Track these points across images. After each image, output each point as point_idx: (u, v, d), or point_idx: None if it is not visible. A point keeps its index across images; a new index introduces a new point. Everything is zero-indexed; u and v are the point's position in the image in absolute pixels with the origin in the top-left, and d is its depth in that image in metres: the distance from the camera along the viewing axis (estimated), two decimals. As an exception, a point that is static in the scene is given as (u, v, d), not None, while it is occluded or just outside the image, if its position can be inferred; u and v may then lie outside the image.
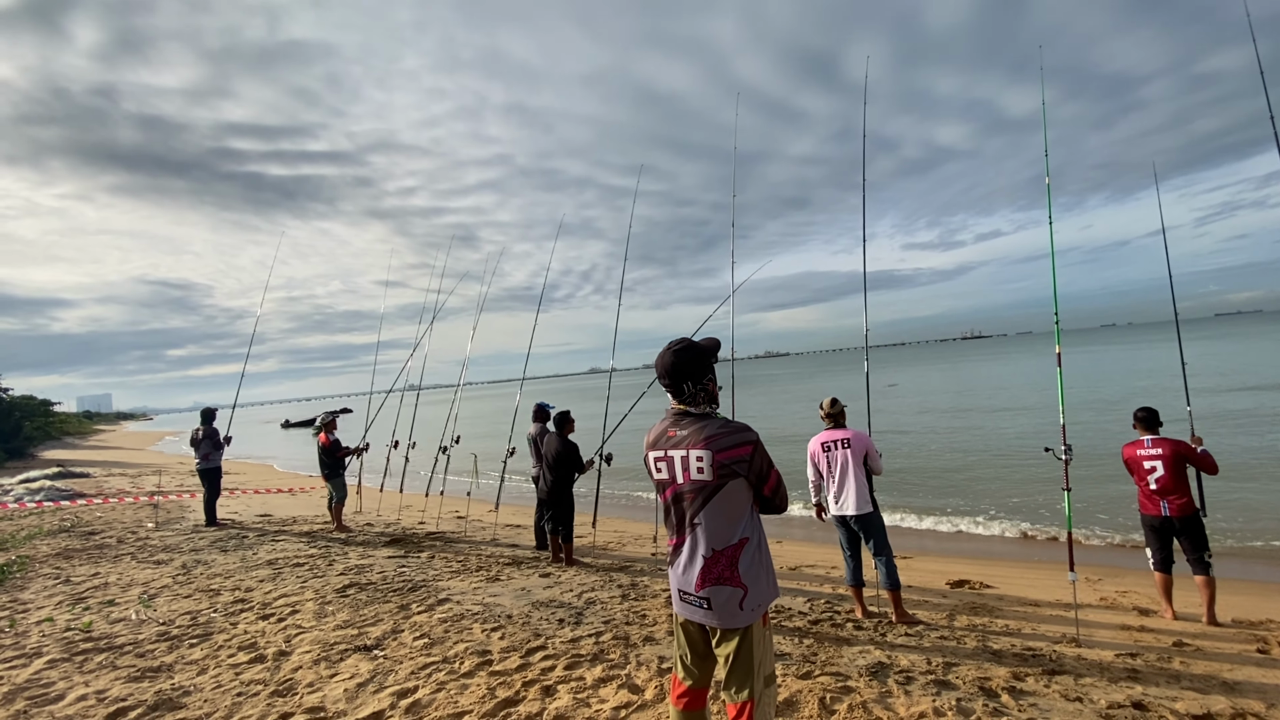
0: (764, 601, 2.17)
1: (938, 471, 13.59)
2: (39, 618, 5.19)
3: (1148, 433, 4.98)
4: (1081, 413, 19.51)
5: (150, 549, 7.95)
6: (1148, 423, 5.00)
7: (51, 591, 6.03)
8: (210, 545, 8.10)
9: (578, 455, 6.81)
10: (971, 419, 21.58)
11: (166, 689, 3.67)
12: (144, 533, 9.11)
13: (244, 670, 3.92)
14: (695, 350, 2.28)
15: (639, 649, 4.06)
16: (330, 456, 9.22)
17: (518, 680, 3.59)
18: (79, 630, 4.82)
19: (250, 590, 5.84)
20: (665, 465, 2.25)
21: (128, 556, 7.53)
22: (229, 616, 5.07)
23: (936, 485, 12.35)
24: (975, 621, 4.88)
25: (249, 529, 9.36)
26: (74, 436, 50.05)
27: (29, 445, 31.68)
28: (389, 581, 6.03)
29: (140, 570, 6.81)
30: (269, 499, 12.98)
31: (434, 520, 10.19)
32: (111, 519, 10.47)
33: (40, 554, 7.82)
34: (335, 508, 9.23)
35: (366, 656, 4.05)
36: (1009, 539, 8.87)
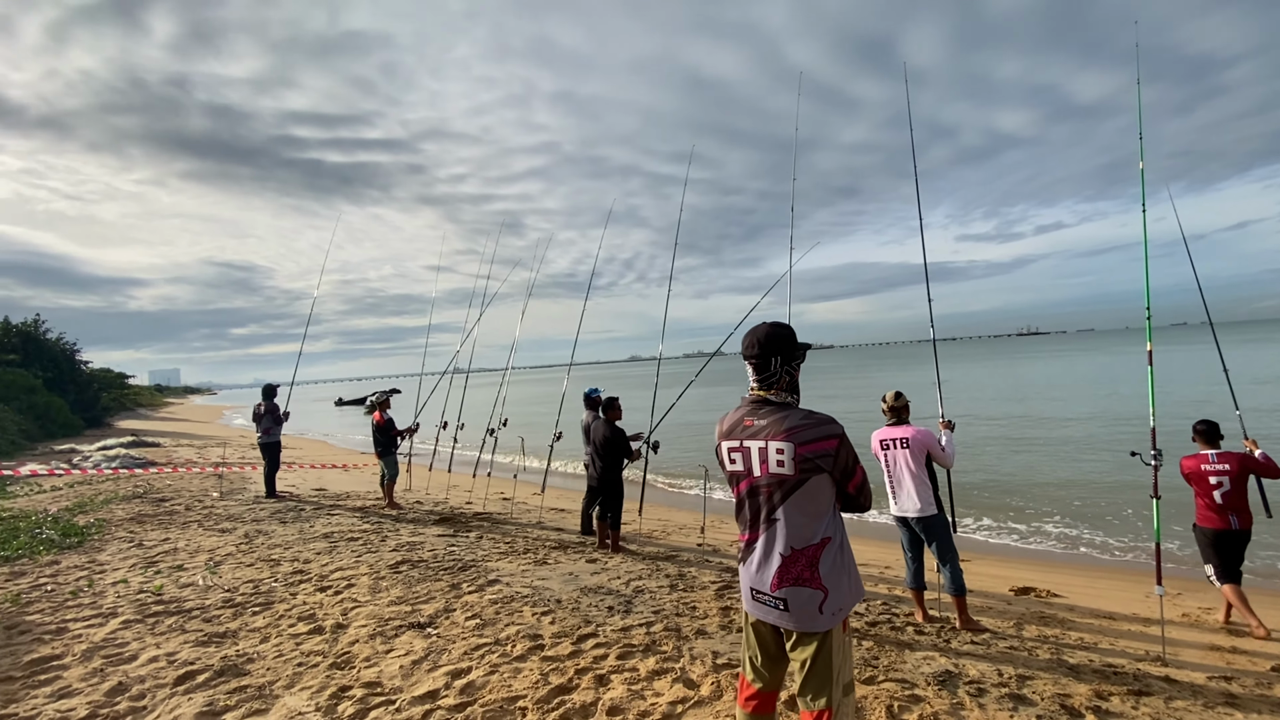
0: (845, 605, 2.04)
1: (994, 472, 13.03)
2: (114, 579, 5.45)
3: (1209, 446, 4.89)
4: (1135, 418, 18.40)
5: (215, 517, 8.29)
6: (1208, 436, 4.92)
7: (126, 554, 6.34)
8: (270, 516, 8.39)
9: (625, 441, 6.75)
10: (1028, 419, 20.65)
11: (232, 655, 3.77)
12: (209, 502, 9.52)
13: (304, 640, 4.00)
14: (791, 330, 2.16)
15: (692, 642, 3.97)
16: (384, 435, 9.43)
17: (570, 667, 3.54)
18: (151, 593, 5.03)
19: (308, 562, 6.00)
20: (740, 456, 2.12)
21: (195, 524, 7.87)
22: (289, 587, 5.22)
23: (993, 486, 11.84)
24: (1046, 632, 4.61)
25: (306, 502, 9.67)
26: (146, 408, 53.07)
27: (106, 415, 33.69)
28: (440, 560, 6.11)
29: (206, 538, 7.10)
30: (324, 474, 13.42)
31: (480, 501, 10.33)
32: (180, 487, 10.99)
33: (116, 518, 8.25)
34: (387, 485, 9.45)
35: (420, 634, 4.09)
36: (1072, 546, 8.42)
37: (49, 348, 28.86)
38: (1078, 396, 26.43)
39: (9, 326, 28.02)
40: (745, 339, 2.18)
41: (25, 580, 5.38)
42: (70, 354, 30.33)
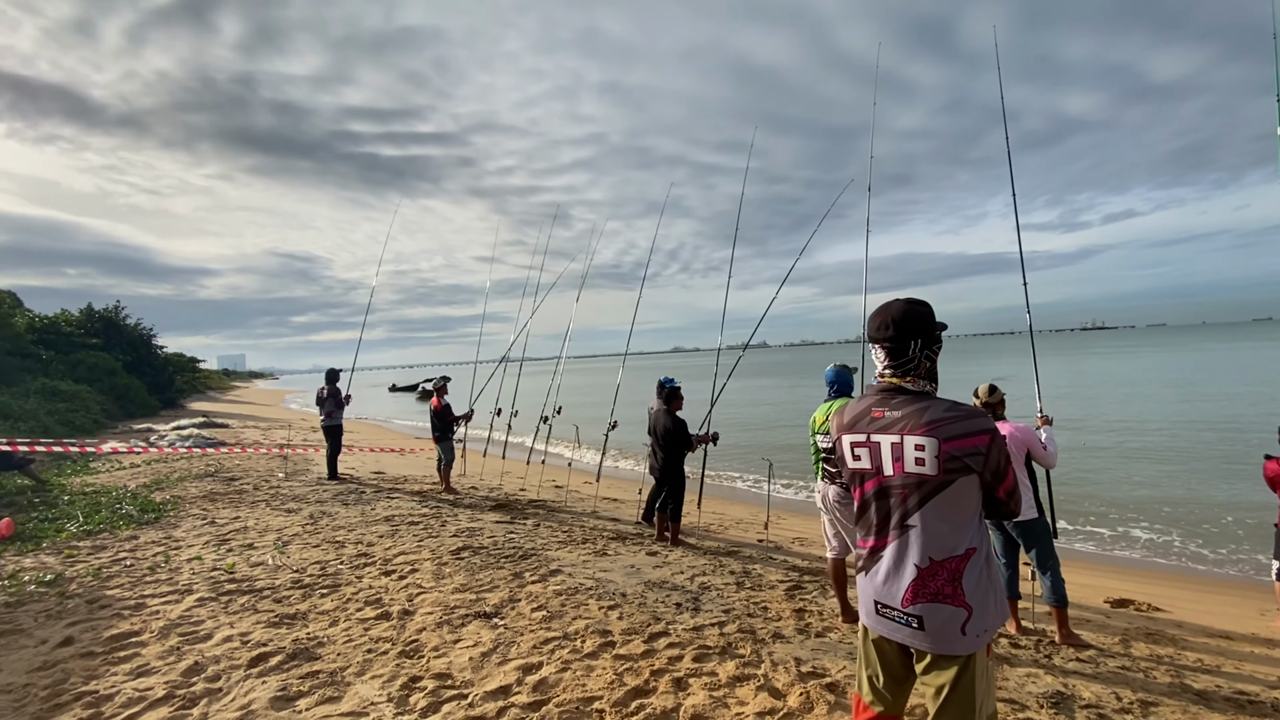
0: (991, 627, 1.77)
1: (1071, 473, 12.27)
2: (189, 555, 5.58)
3: None
4: (1221, 421, 17.06)
5: (281, 498, 8.49)
6: None
7: (199, 531, 6.51)
8: (333, 498, 8.54)
9: (687, 432, 6.53)
10: (1100, 418, 19.45)
11: (303, 638, 3.75)
12: (275, 482, 9.79)
13: (372, 626, 3.96)
14: (930, 308, 1.89)
15: (770, 646, 3.74)
16: (441, 420, 9.48)
17: (645, 668, 3.37)
18: (224, 571, 5.12)
19: (371, 545, 6.03)
20: (867, 452, 1.87)
21: (263, 504, 8.07)
22: (354, 569, 5.23)
23: (1068, 487, 11.13)
24: (1158, 652, 4.18)
25: (366, 485, 9.84)
26: (215, 391, 55.87)
27: (179, 397, 35.56)
28: (500, 547, 6.04)
29: (274, 517, 7.25)
30: (382, 457, 13.70)
31: (534, 488, 10.31)
32: (248, 467, 11.37)
33: (189, 495, 8.54)
34: (444, 470, 9.51)
35: (487, 624, 3.99)
36: (1164, 555, 7.78)
37: (128, 333, 30.56)
38: (1153, 395, 24.80)
39: (92, 312, 29.77)
40: (875, 319, 1.91)
41: (106, 554, 5.57)
42: (147, 339, 32.05)
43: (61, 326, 27.03)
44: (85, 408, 19.73)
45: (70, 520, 6.75)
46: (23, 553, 5.54)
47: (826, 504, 4.22)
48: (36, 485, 8.67)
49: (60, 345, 25.22)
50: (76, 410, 18.97)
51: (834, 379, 4.34)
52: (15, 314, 25.55)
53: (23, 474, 8.74)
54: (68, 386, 20.41)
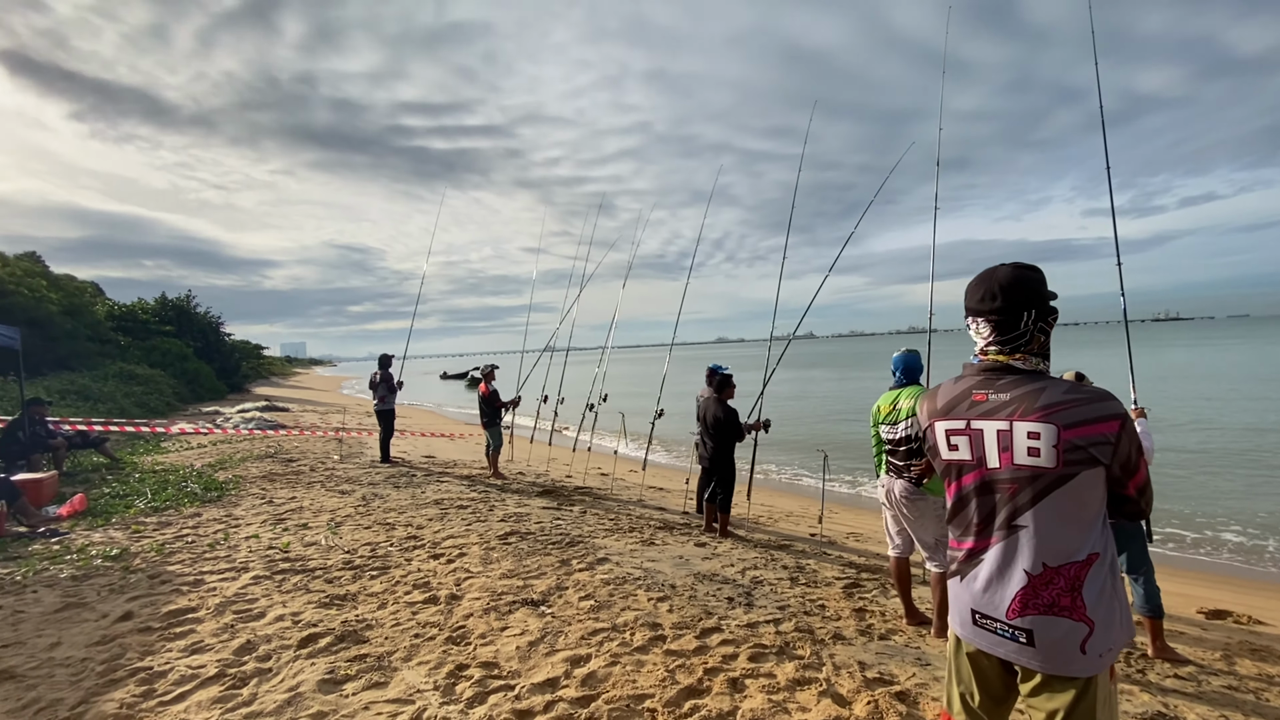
0: (1116, 645, 1.52)
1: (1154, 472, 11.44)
2: (247, 533, 5.71)
3: None
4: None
5: (336, 479, 8.67)
6: None
7: (258, 510, 6.68)
8: (385, 480, 8.68)
9: (738, 421, 6.31)
10: (1181, 412, 18.14)
11: (352, 620, 3.73)
12: (331, 464, 10.03)
13: (419, 610, 3.91)
14: (1042, 274, 1.63)
15: (830, 648, 3.52)
16: (489, 406, 9.51)
17: (698, 665, 3.20)
18: (279, 550, 5.20)
19: (420, 528, 6.05)
20: (966, 441, 1.63)
21: (318, 485, 8.26)
22: (403, 552, 5.23)
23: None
24: (1268, 670, 3.76)
25: (416, 468, 9.98)
26: (277, 376, 58.44)
27: (244, 381, 37.30)
28: (546, 533, 5.97)
29: (328, 498, 7.39)
30: (432, 442, 13.94)
31: (580, 475, 10.27)
32: (305, 449, 11.72)
33: (250, 475, 8.82)
34: (492, 455, 9.56)
35: (534, 613, 3.89)
36: (1259, 562, 7.12)
37: (198, 320, 32.14)
38: (1240, 391, 23.02)
39: (166, 301, 31.41)
40: (975, 288, 1.66)
41: (170, 530, 5.75)
42: (216, 326, 33.65)
43: (138, 314, 28.64)
44: (158, 391, 20.82)
45: (139, 497, 7.03)
46: (93, 527, 5.78)
47: (891, 499, 3.95)
48: (111, 463, 9.12)
49: (137, 332, 26.72)
50: (151, 393, 20.03)
51: (901, 365, 4.04)
52: (96, 302, 27.18)
53: (99, 452, 9.20)
54: (143, 371, 21.58)
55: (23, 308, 17.97)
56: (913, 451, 3.87)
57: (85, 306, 23.28)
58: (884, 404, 4.03)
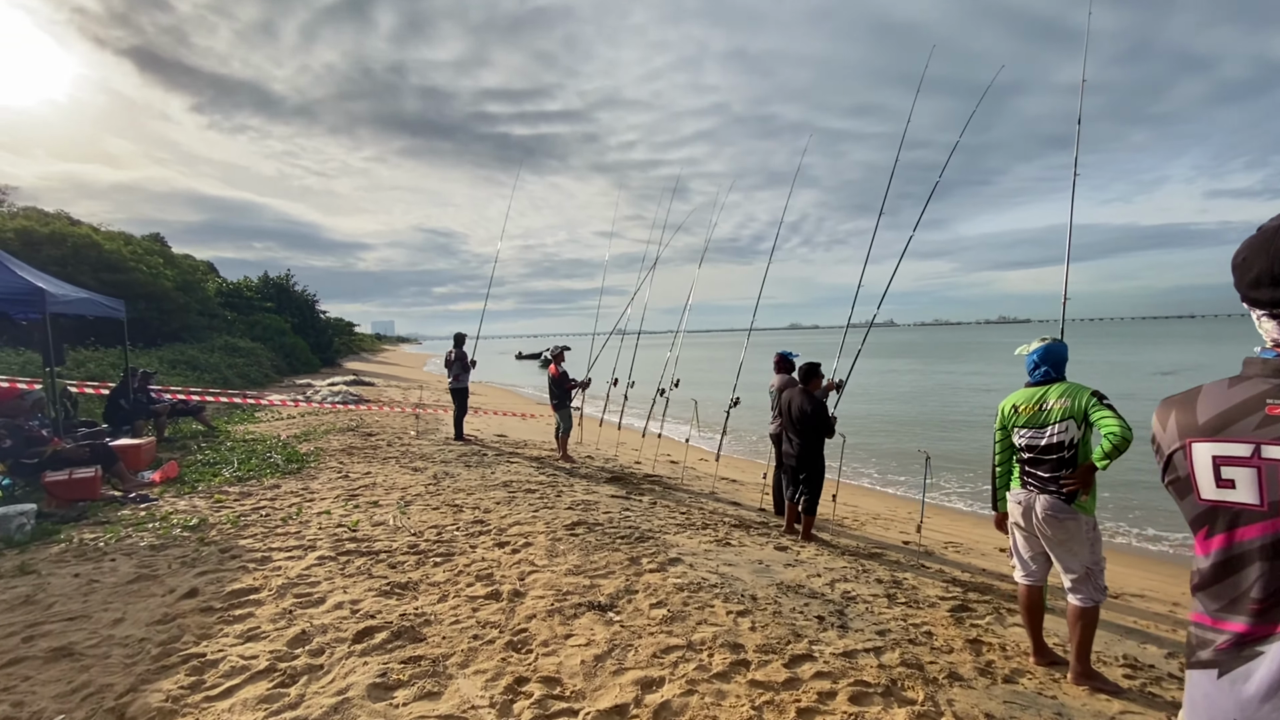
0: None
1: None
2: (319, 509, 5.70)
3: None
4: None
5: (410, 455, 8.73)
6: None
7: (333, 484, 6.73)
8: (457, 459, 8.65)
9: (827, 414, 5.72)
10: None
11: (410, 613, 3.51)
12: (407, 440, 10.17)
13: (480, 607, 3.65)
14: None
15: (947, 690, 2.97)
16: (559, 387, 9.30)
17: (789, 703, 2.74)
18: (347, 528, 5.13)
19: (488, 512, 5.86)
20: (1252, 477, 1.08)
21: (393, 460, 8.31)
22: (469, 537, 5.04)
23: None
24: None
25: (488, 447, 9.95)
26: (367, 352, 61.69)
27: (337, 356, 39.49)
28: (615, 525, 5.64)
29: (400, 475, 7.39)
30: (505, 421, 14.01)
31: (649, 461, 9.93)
32: (385, 424, 12.00)
33: (331, 448, 9.03)
34: (561, 437, 9.36)
35: (602, 619, 3.55)
36: None
37: (296, 298, 34.14)
38: None
39: (268, 280, 33.51)
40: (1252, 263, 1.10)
41: (249, 501, 5.83)
42: (311, 303, 35.66)
43: (243, 292, 30.69)
44: (258, 363, 22.18)
45: (227, 465, 7.27)
46: (180, 494, 5.95)
47: (1031, 519, 3.31)
48: (207, 430, 9.58)
49: (241, 308, 28.65)
50: (251, 365, 21.36)
51: (1046, 356, 3.37)
52: (208, 280, 29.29)
53: (197, 420, 9.69)
54: (245, 344, 23.05)
55: (141, 283, 19.48)
56: (1063, 462, 3.22)
57: (197, 283, 25.08)
58: (1022, 403, 3.39)
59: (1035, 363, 3.42)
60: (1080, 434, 3.20)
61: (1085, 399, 3.18)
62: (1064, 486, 3.20)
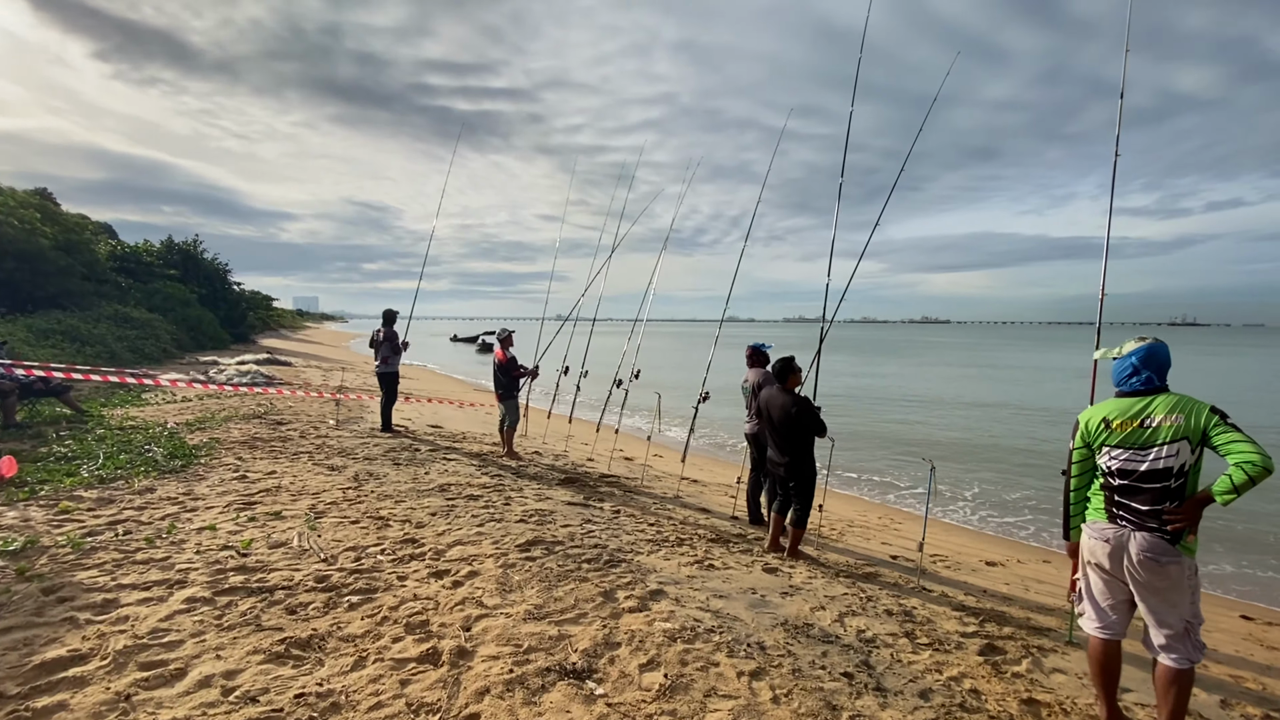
0: None
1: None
2: (202, 522, 4.51)
3: None
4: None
5: (327, 450, 7.49)
6: None
7: (225, 488, 5.49)
8: (384, 455, 7.48)
9: (814, 411, 5.01)
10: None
11: (312, 692, 2.51)
12: (325, 429, 8.86)
13: (412, 677, 2.69)
14: None
15: (1045, 795, 2.26)
16: (506, 374, 8.26)
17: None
18: (236, 552, 4.00)
19: (421, 526, 4.83)
20: None
21: (305, 456, 7.07)
22: (397, 564, 4.02)
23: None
24: None
25: (421, 440, 8.79)
26: (287, 329, 57.63)
27: (251, 332, 36.36)
28: (578, 543, 4.74)
29: (314, 475, 6.20)
30: (439, 409, 12.76)
31: (603, 459, 9.06)
32: (299, 410, 10.56)
33: (230, 438, 7.65)
34: (507, 431, 8.33)
35: (579, 693, 2.66)
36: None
37: (205, 266, 30.99)
38: (1244, 399, 21.42)
39: (172, 245, 30.23)
40: None
41: (108, 512, 4.56)
42: (223, 273, 32.51)
43: (142, 256, 27.49)
44: (155, 336, 19.75)
45: (88, 461, 5.87)
46: (12, 501, 4.60)
47: (1122, 559, 2.66)
48: (74, 415, 7.98)
49: (139, 274, 25.61)
50: (146, 338, 18.96)
51: (1145, 361, 2.71)
52: (98, 241, 26.02)
53: (61, 401, 8.06)
54: (140, 314, 20.49)
55: (11, 239, 16.82)
56: (1168, 493, 2.57)
57: (84, 244, 22.09)
58: (1115, 416, 2.72)
59: (1134, 367, 2.75)
60: (1193, 459, 2.56)
61: (1204, 417, 2.53)
62: (1168, 523, 2.56)
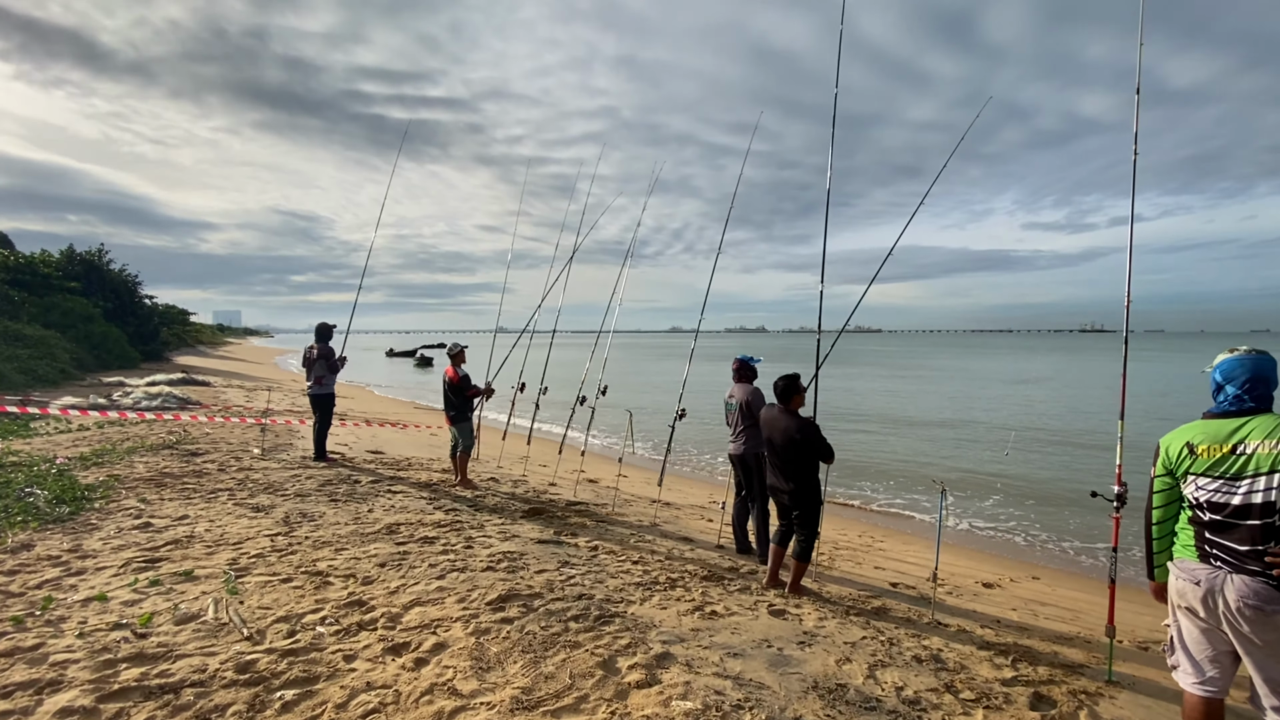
0: None
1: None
2: (89, 590, 3.62)
3: None
4: None
5: (252, 485, 6.52)
6: None
7: (124, 540, 4.55)
8: (319, 490, 6.58)
9: (822, 437, 4.56)
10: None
11: None
12: (248, 460, 7.82)
13: (371, 819, 2.00)
14: None
15: None
16: (459, 395, 7.48)
17: None
18: (133, 630, 3.16)
19: (369, 582, 4.07)
20: None
21: (225, 494, 6.10)
22: (341, 637, 3.27)
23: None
24: None
25: (360, 469, 7.88)
26: (206, 345, 53.83)
27: (165, 349, 33.54)
28: (559, 594, 4.09)
29: (235, 520, 5.28)
30: (379, 433, 11.73)
31: (565, 482, 8.39)
32: (219, 438, 9.40)
33: (133, 475, 6.57)
34: (460, 457, 7.54)
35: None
36: None
37: (111, 278, 28.36)
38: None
39: (73, 255, 27.52)
40: None
41: (-42, 585, 3.60)
42: (132, 285, 29.85)
43: (39, 268, 24.80)
44: (51, 355, 17.72)
45: (-57, 514, 4.78)
46: None
47: (1221, 608, 2.27)
48: (-66, 453, 6.70)
49: (34, 287, 23.07)
50: (40, 358, 16.96)
51: (1248, 374, 2.35)
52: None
53: (-83, 438, 6.75)
54: (33, 331, 18.36)
55: None
56: (1271, 531, 2.19)
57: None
58: (1201, 441, 2.34)
59: (1217, 383, 2.39)
60: (1301, 491, 2.20)
61: None
62: (1272, 566, 2.19)
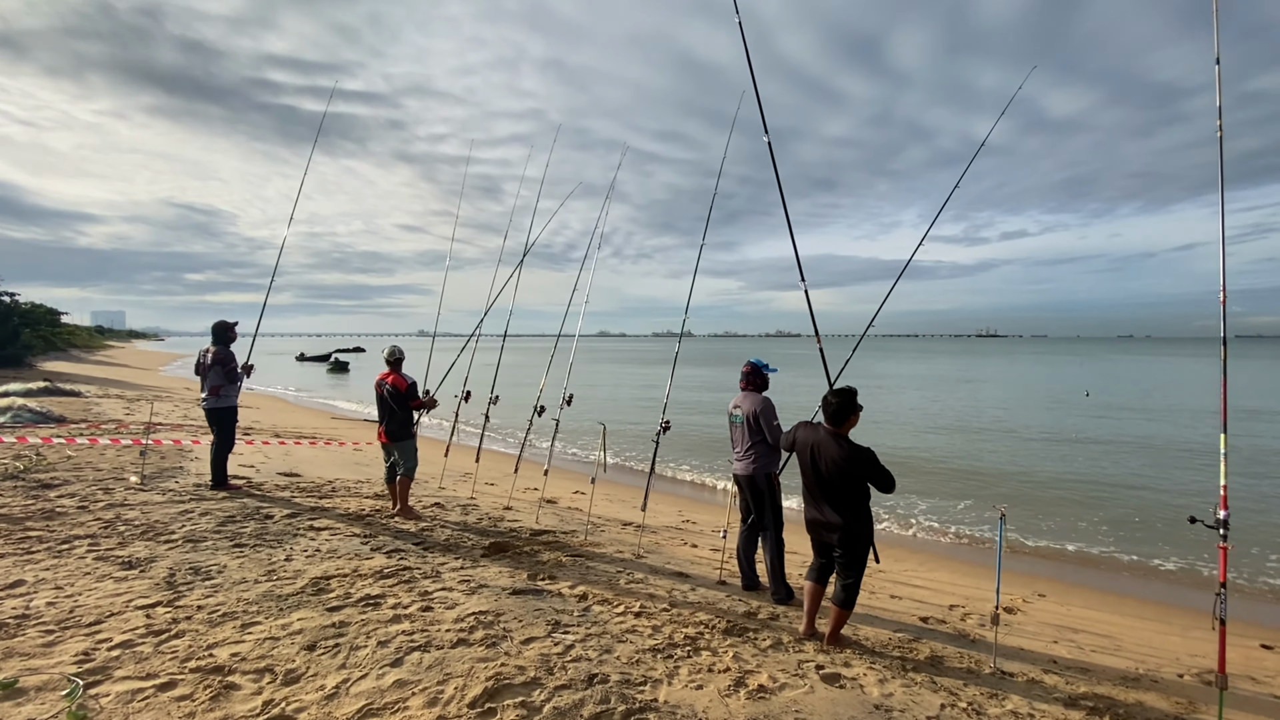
0: None
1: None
2: None
3: None
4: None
5: (122, 529, 5.03)
6: None
7: (-90, 632, 3.12)
8: (217, 530, 5.18)
9: (880, 464, 3.73)
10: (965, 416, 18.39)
11: None
12: (122, 492, 6.22)
13: None
14: None
15: None
16: (403, 406, 6.22)
17: None
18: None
19: (294, 680, 2.88)
20: None
21: (84, 544, 4.62)
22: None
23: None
24: None
25: (272, 499, 6.45)
26: (80, 350, 47.81)
27: (27, 354, 29.16)
28: (563, 678, 3.06)
29: (95, 585, 3.88)
30: (292, 451, 10.10)
31: (521, 504, 7.29)
32: (84, 462, 7.60)
33: (-49, 523, 4.93)
34: (400, 482, 6.27)
35: None
36: None
37: (-45, 271, 24.22)
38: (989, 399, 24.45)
39: (-97, 242, 23.30)
40: None
41: None
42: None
43: None
44: None
45: None
46: None
47: None
48: None
49: None
50: None
51: None
52: None
53: None
54: None
55: None
56: None
57: None
58: None
59: None
60: None
61: None
62: None
